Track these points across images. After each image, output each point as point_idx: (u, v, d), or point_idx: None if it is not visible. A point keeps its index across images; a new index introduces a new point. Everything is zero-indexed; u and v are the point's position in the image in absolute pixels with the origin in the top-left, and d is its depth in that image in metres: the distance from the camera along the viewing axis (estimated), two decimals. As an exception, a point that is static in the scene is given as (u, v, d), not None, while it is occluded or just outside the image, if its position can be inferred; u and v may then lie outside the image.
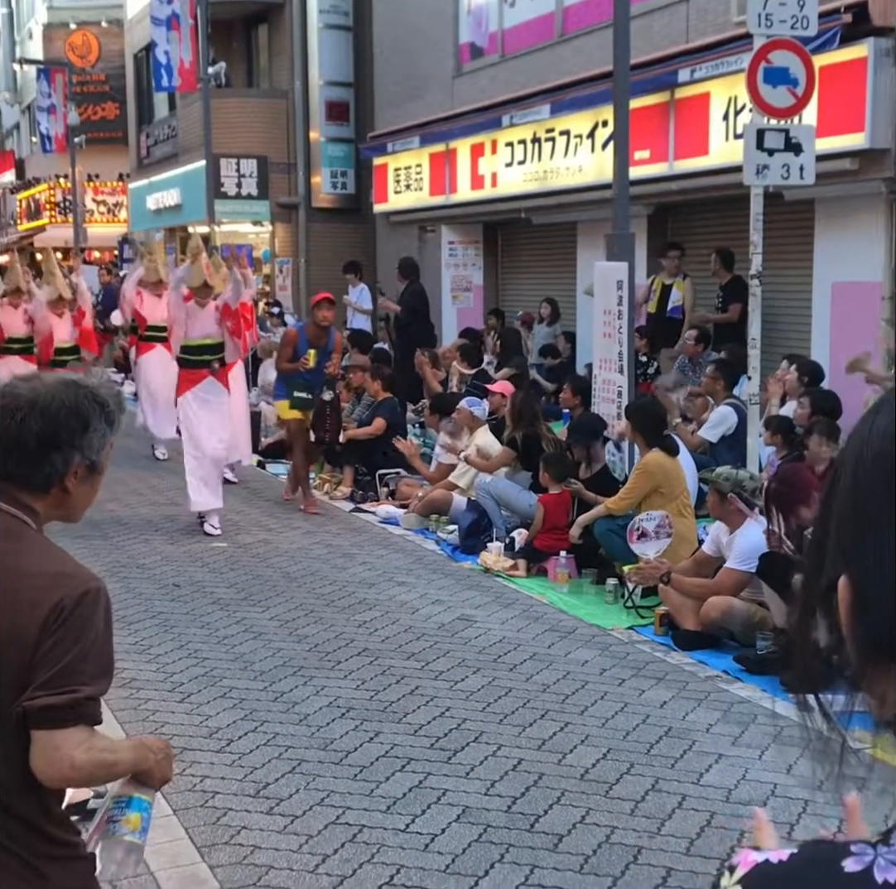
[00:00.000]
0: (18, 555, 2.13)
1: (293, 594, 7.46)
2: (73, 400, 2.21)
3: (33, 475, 2.18)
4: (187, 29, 18.56)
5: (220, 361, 9.41)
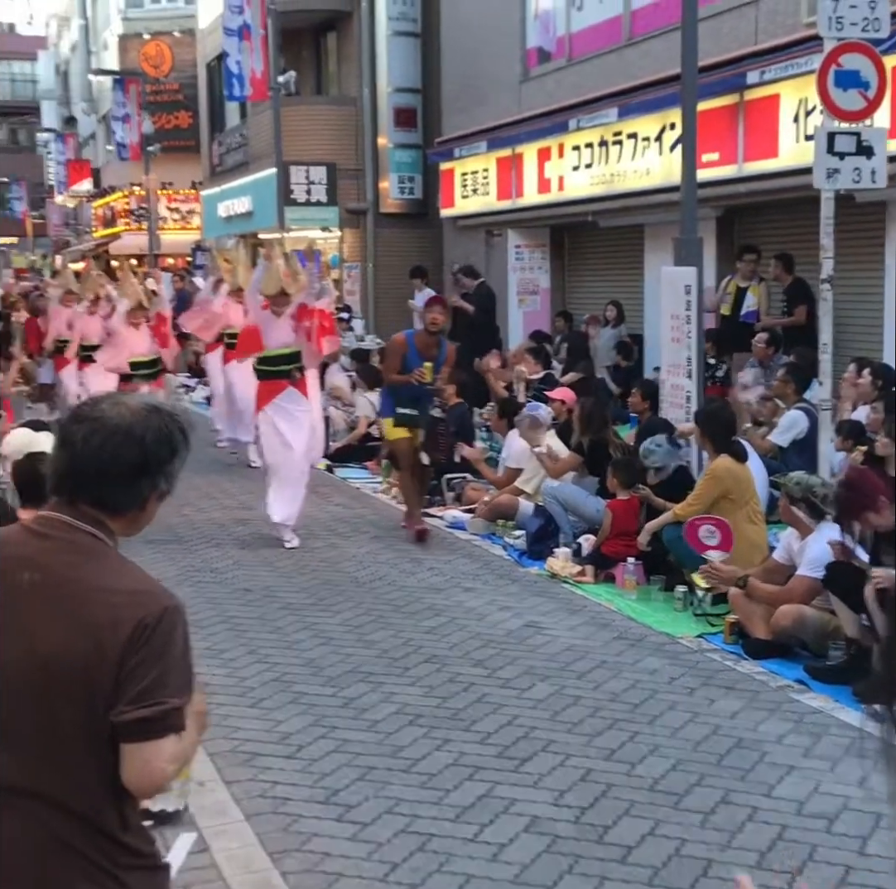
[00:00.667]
0: (98, 573, 2.19)
1: (362, 599, 7.52)
2: (163, 428, 2.27)
3: (120, 499, 2.24)
4: (258, 39, 18.79)
5: (299, 370, 9.20)
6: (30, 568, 2.18)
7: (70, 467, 2.24)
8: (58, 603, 2.15)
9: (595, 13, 15.20)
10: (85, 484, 2.22)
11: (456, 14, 18.72)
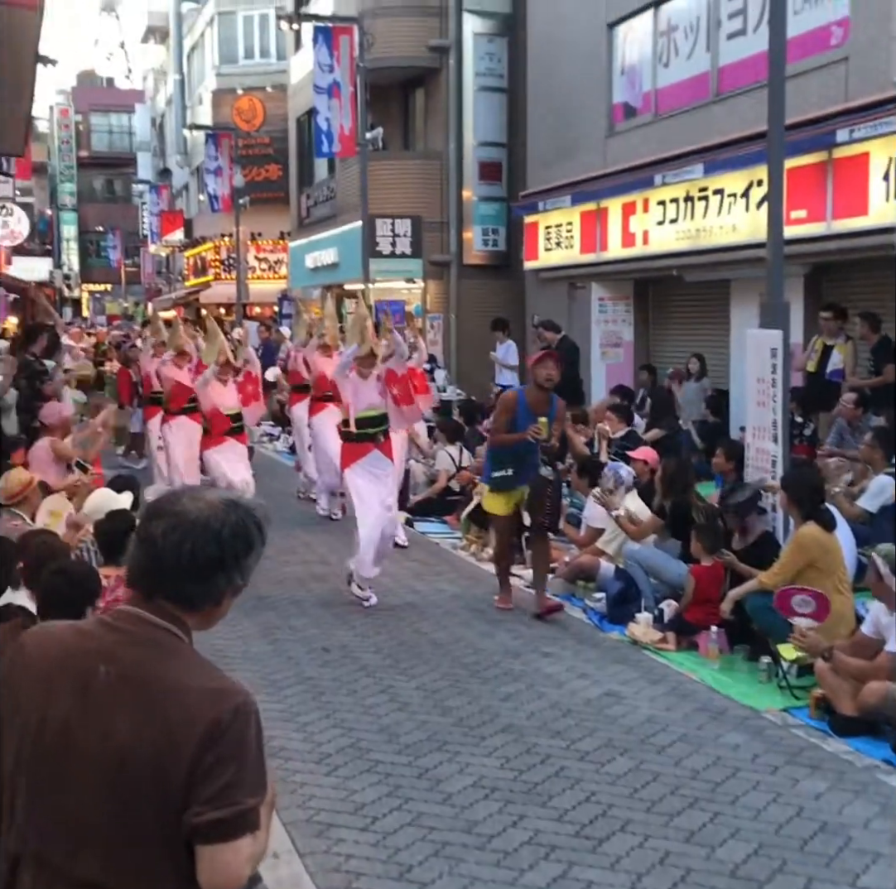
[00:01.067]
0: (174, 670, 2.19)
1: (439, 662, 7.48)
2: (240, 523, 2.28)
3: (197, 594, 2.25)
4: (347, 96, 19.13)
5: (384, 433, 9.14)
6: (106, 661, 2.19)
7: (149, 563, 2.26)
8: (133, 698, 2.16)
9: (681, 70, 15.22)
10: (163, 579, 2.24)
11: (542, 70, 18.88)
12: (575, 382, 15.44)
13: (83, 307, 59.48)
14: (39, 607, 4.80)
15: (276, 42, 33.77)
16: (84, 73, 66.85)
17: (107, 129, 60.75)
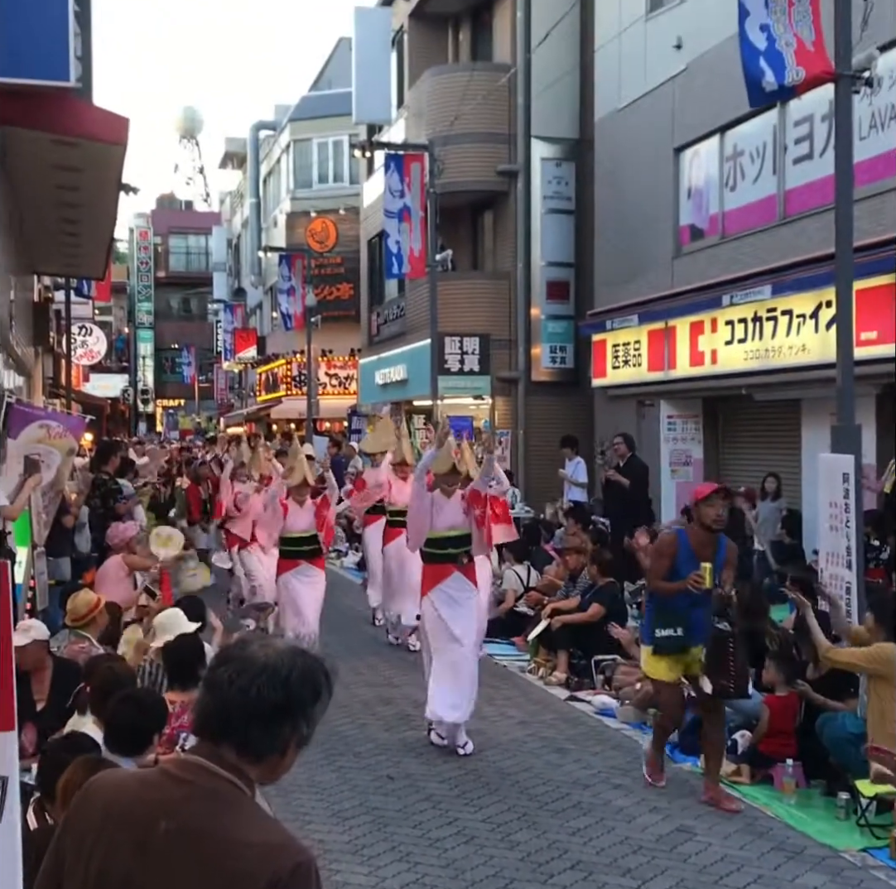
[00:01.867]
0: (234, 825, 2.15)
1: (506, 793, 7.31)
2: (308, 670, 2.25)
3: (262, 742, 2.21)
4: (417, 220, 19.58)
5: (466, 555, 8.61)
6: (167, 816, 2.16)
7: (215, 708, 2.23)
8: (193, 854, 2.13)
9: (748, 193, 15.40)
10: (229, 725, 2.21)
11: (610, 193, 19.22)
12: (644, 502, 15.37)
13: (157, 422, 60.73)
14: (106, 735, 4.81)
15: (349, 166, 34.82)
16: (163, 197, 69.29)
17: (184, 250, 62.68)
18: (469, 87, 21.06)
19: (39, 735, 6.18)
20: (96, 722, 5.30)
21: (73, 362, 25.56)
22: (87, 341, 30.46)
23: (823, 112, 13.05)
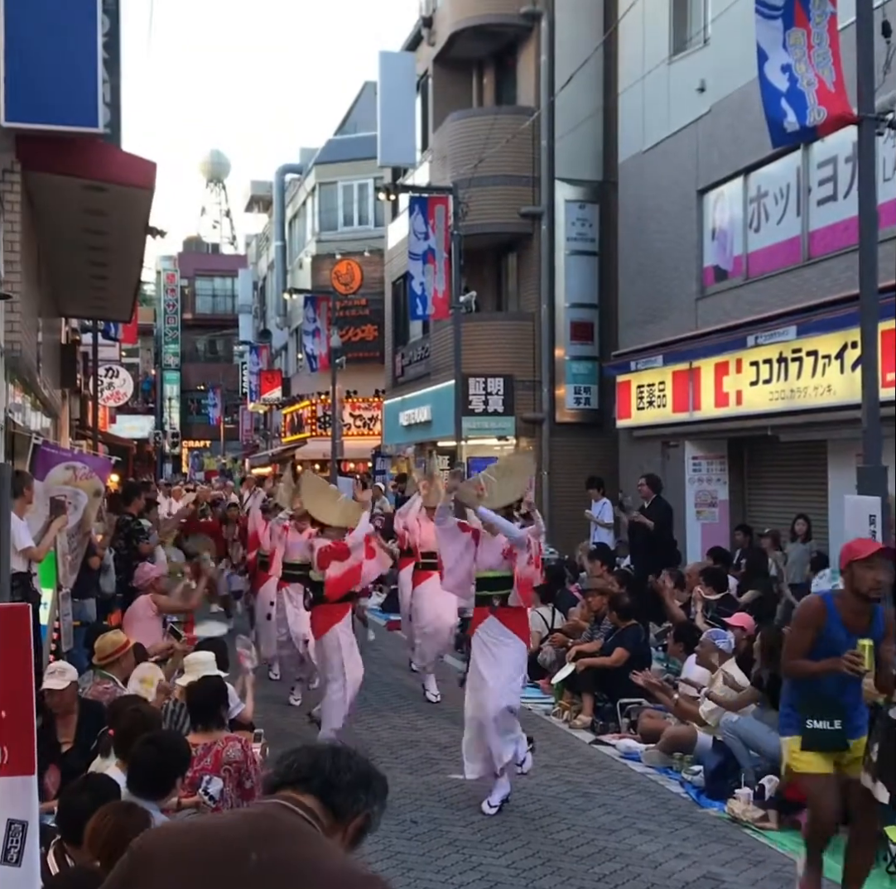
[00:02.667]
0: (322, 855, 2.24)
1: (530, 838, 7.23)
2: (380, 772, 2.47)
3: (341, 794, 2.35)
4: (441, 262, 19.70)
5: (500, 598, 8.16)
6: (257, 848, 2.20)
7: (309, 765, 2.39)
8: (290, 881, 2.17)
9: (772, 234, 15.42)
10: (321, 778, 2.35)
11: (634, 233, 19.29)
12: (670, 543, 15.30)
13: (183, 463, 61.04)
14: (129, 778, 4.79)
15: (374, 209, 35.14)
16: (190, 240, 70.07)
17: (210, 293, 63.27)
18: (493, 130, 21.24)
19: (64, 777, 6.17)
20: (119, 764, 5.28)
21: (99, 404, 25.75)
22: (114, 383, 30.67)
23: (847, 154, 13.08)
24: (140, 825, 4.02)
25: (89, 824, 4.10)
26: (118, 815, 4.09)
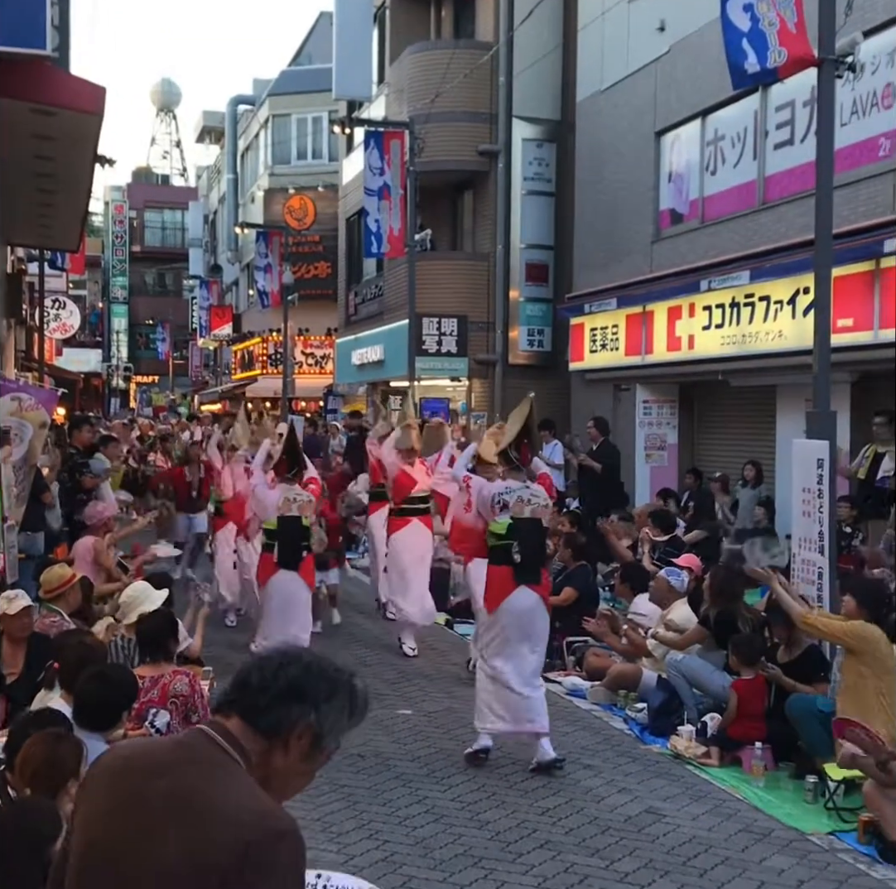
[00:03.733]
0: (221, 789, 2.15)
1: (476, 773, 7.31)
2: (332, 670, 2.32)
3: (266, 715, 2.23)
4: (397, 199, 19.47)
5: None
6: (161, 777, 2.18)
7: (236, 682, 2.30)
8: (182, 814, 2.13)
9: (729, 178, 15.39)
10: (244, 694, 2.25)
11: (590, 175, 19.17)
12: (616, 486, 15.42)
13: (130, 398, 60.38)
14: (75, 711, 4.77)
15: (329, 143, 34.61)
16: (139, 170, 68.76)
17: (160, 225, 62.24)
18: (451, 65, 20.93)
19: (11, 708, 6.13)
20: (64, 697, 5.25)
21: (46, 336, 25.31)
22: (61, 315, 30.17)
23: (805, 98, 13.05)
24: (71, 754, 4.03)
25: (20, 753, 4.09)
26: (47, 744, 4.08)
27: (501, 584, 7.50)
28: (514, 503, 7.55)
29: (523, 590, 7.44)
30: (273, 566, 9.44)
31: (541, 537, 7.80)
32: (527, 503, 7.59)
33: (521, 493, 7.59)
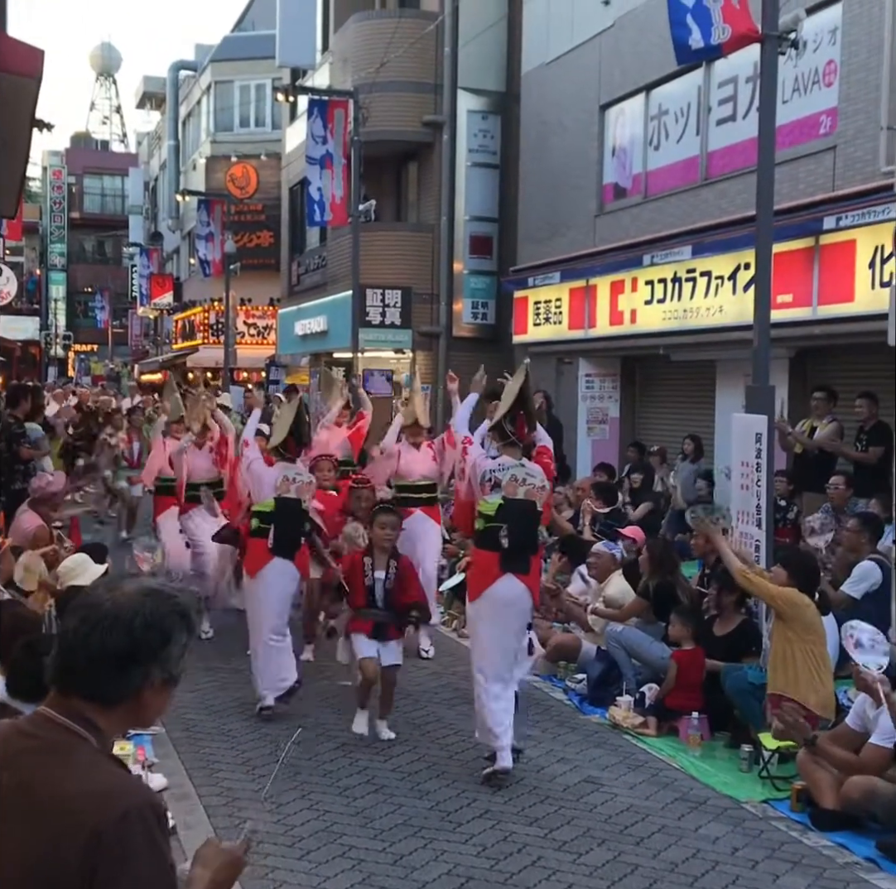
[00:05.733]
0: (65, 777, 2.06)
1: (416, 743, 7.35)
2: (154, 612, 2.18)
3: (109, 690, 2.15)
4: (340, 168, 19.33)
5: None
6: (7, 768, 2.09)
7: (62, 659, 2.17)
8: (25, 808, 2.04)
9: (672, 153, 15.46)
10: (75, 675, 2.15)
11: (535, 148, 19.15)
12: (558, 459, 15.46)
13: (69, 367, 59.51)
14: (8, 681, 4.73)
15: (272, 111, 34.22)
16: (78, 136, 67.56)
17: (99, 192, 61.28)
18: (396, 34, 20.76)
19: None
20: None
21: (-19, 302, 24.88)
22: (-3, 282, 29.59)
23: (748, 74, 13.12)
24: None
25: None
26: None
27: (486, 570, 6.78)
28: (507, 482, 6.82)
29: (509, 578, 6.69)
30: (266, 554, 7.96)
31: (533, 522, 6.92)
32: (521, 483, 6.84)
33: (516, 472, 6.86)
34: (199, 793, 6.31)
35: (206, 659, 9.22)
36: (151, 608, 2.18)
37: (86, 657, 2.13)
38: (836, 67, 12.01)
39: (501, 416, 7.04)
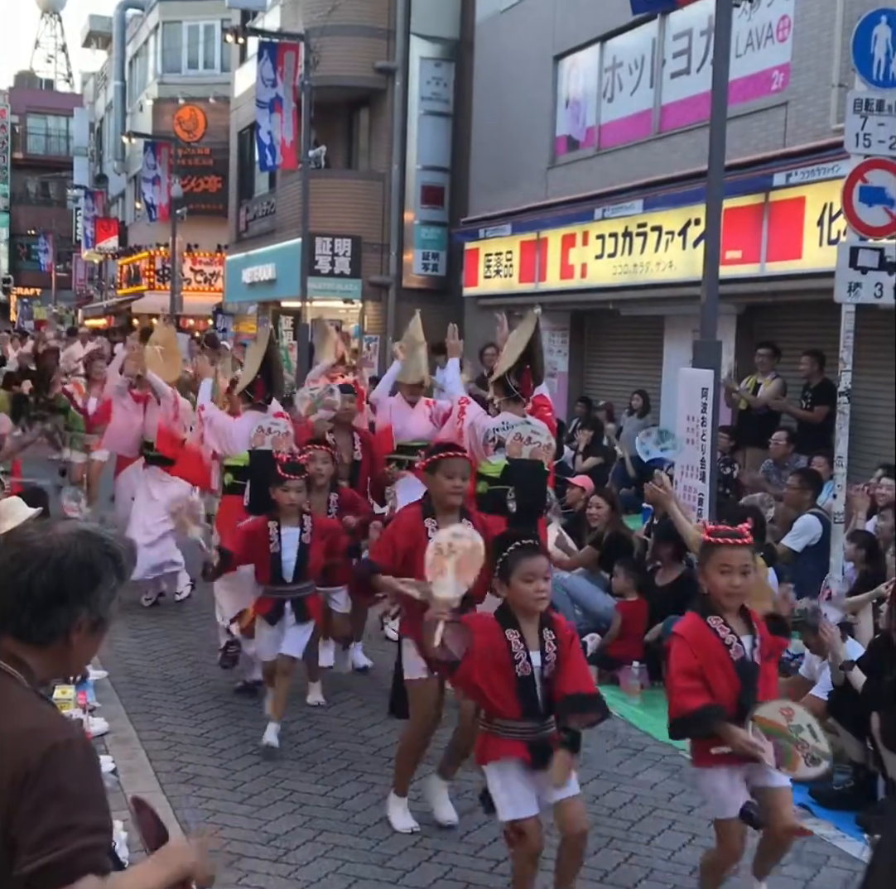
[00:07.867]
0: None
1: (360, 690, 7.39)
2: (85, 553, 2.18)
3: (35, 629, 2.16)
4: (290, 112, 19.08)
5: None
6: None
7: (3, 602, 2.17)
8: None
9: (625, 106, 15.40)
10: (4, 614, 2.15)
11: (488, 97, 18.99)
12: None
13: (11, 311, 58.46)
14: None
15: (221, 53, 33.61)
16: (22, 74, 65.98)
17: (43, 132, 59.99)
18: (348, -23, 20.44)
19: None
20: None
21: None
22: (-62, 222, 28.96)
23: (703, 27, 13.07)
24: None
25: None
26: None
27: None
28: (512, 441, 6.37)
29: None
30: (242, 511, 7.13)
31: (541, 483, 6.52)
32: (526, 441, 6.42)
33: (521, 430, 6.43)
34: (141, 737, 6.30)
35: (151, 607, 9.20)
36: (83, 549, 2.18)
37: (14, 595, 2.13)
38: (790, 23, 12.00)
39: (506, 370, 6.57)
